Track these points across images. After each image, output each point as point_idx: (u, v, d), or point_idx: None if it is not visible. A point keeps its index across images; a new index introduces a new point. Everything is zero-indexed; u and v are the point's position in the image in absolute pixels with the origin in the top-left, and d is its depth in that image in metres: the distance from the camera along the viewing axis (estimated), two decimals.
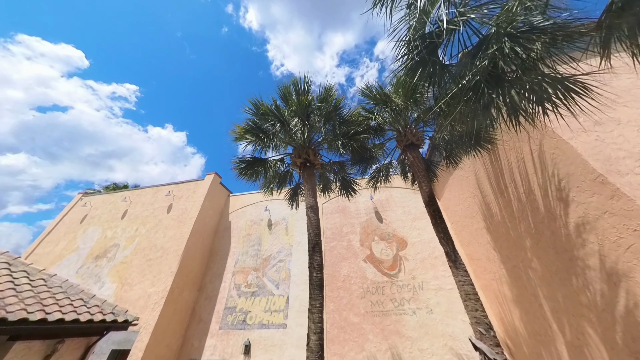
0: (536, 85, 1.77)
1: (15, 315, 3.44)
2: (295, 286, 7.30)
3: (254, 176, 4.95)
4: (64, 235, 10.31)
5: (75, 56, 64.23)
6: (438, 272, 6.48)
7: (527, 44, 1.72)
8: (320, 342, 2.75)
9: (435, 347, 5.37)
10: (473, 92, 1.89)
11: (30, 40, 52.01)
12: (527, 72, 1.76)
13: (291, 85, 4.19)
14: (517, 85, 1.78)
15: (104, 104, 66.71)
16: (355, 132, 4.28)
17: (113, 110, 67.76)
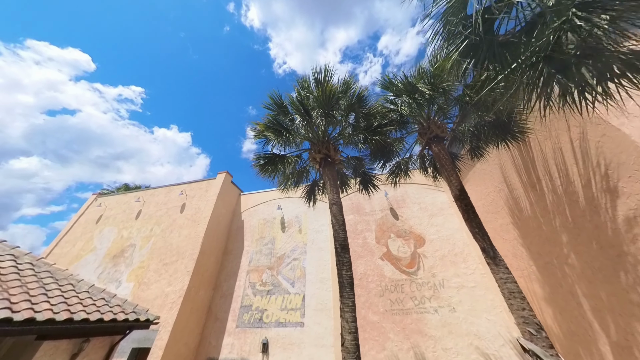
0: (605, 62, 1.58)
1: (43, 315, 3.45)
2: (311, 284, 7.22)
3: (273, 173, 4.84)
4: (80, 236, 10.51)
5: (82, 60, 65.55)
6: (459, 270, 6.28)
7: (595, 16, 1.53)
8: (356, 342, 2.63)
9: (460, 347, 5.21)
10: (532, 71, 1.71)
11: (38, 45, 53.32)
12: (595, 47, 1.58)
13: (311, 77, 4.03)
14: (586, 62, 1.59)
15: (111, 107, 68.00)
16: (379, 124, 4.10)
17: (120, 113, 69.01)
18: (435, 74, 3.58)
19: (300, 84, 4.51)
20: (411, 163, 5.71)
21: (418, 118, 4.50)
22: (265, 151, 4.69)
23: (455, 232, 7.00)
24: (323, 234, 8.29)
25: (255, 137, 4.58)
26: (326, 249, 7.86)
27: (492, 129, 4.01)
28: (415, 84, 3.84)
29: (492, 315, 5.41)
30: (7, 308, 3.24)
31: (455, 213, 7.38)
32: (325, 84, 3.84)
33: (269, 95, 4.27)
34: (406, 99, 4.07)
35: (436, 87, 3.62)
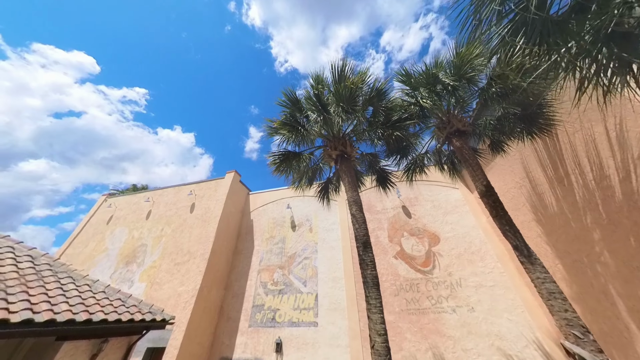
0: None
1: (63, 316, 3.43)
2: (323, 284, 7.13)
3: (287, 171, 4.75)
4: (92, 236, 10.62)
5: (87, 62, 66.62)
6: (477, 269, 6.11)
7: None
8: (387, 344, 2.53)
9: (480, 347, 5.06)
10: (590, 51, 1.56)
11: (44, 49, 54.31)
12: None
13: (328, 71, 3.90)
14: None
15: (115, 108, 69.00)
16: (399, 119, 3.96)
17: (124, 114, 69.96)
18: (458, 64, 3.41)
19: (314, 79, 4.39)
20: (426, 159, 5.55)
21: (436, 112, 4.34)
22: (280, 149, 4.59)
23: (471, 230, 6.82)
24: (334, 232, 8.20)
25: (270, 135, 4.49)
26: (337, 248, 7.77)
27: (517, 121, 3.83)
28: (436, 74, 3.66)
29: (514, 315, 5.24)
30: (28, 309, 3.23)
31: (470, 211, 7.20)
32: (346, 78, 3.70)
33: (283, 92, 4.17)
34: (424, 92, 3.91)
35: (460, 78, 3.45)
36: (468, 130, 4.25)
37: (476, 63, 3.36)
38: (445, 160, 5.49)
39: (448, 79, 3.48)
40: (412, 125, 4.26)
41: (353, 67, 3.84)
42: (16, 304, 3.20)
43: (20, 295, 3.39)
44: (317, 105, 3.92)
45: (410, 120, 4.01)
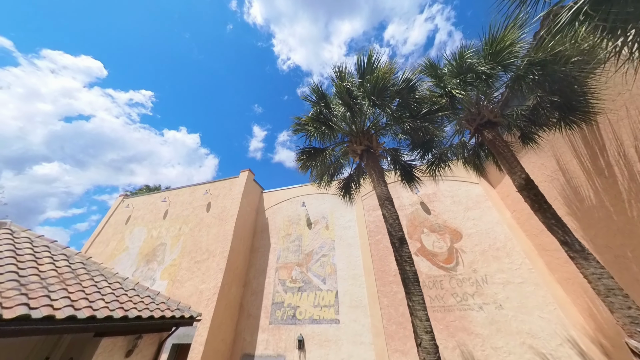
0: None
1: (101, 313, 3.52)
2: (342, 281, 7.10)
3: (314, 167, 4.71)
4: (112, 236, 10.90)
5: (95, 66, 68.34)
6: (503, 265, 5.94)
7: None
8: (435, 342, 2.47)
9: (511, 346, 4.93)
10: None
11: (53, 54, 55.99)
12: None
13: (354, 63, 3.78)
14: None
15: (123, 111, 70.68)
16: (429, 111, 3.84)
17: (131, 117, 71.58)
18: (495, 50, 3.24)
19: (336, 72, 4.30)
20: (450, 153, 5.39)
21: (465, 103, 4.19)
22: (305, 146, 4.55)
23: (495, 226, 6.64)
24: (351, 230, 8.14)
25: (295, 132, 4.45)
26: (355, 245, 7.71)
27: (553, 110, 3.65)
28: (470, 62, 3.50)
29: (545, 313, 5.07)
30: (69, 306, 3.31)
31: (493, 206, 7.00)
32: (377, 70, 3.60)
33: (311, 87, 4.11)
34: (455, 82, 3.75)
35: (497, 65, 3.27)
36: (499, 121, 4.10)
37: (513, 50, 3.19)
38: (470, 154, 5.32)
39: (484, 67, 3.32)
40: (439, 118, 4.11)
41: (379, 57, 3.72)
42: (58, 301, 3.28)
43: (60, 292, 3.49)
44: (346, 99, 3.83)
45: (440, 112, 3.87)
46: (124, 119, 73.14)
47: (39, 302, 3.06)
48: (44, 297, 3.20)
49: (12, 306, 2.82)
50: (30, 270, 3.62)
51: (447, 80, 3.99)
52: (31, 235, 4.60)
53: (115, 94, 69.99)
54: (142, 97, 71.72)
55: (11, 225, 4.57)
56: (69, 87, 73.06)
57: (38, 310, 2.94)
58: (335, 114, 4.14)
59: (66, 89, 72.82)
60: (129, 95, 71.41)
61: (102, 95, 70.55)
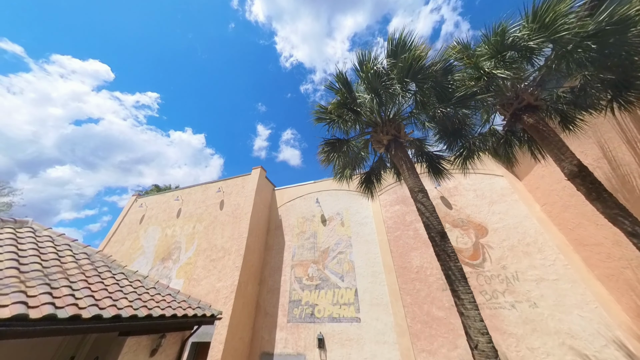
0: None
1: (126, 312, 3.42)
2: (361, 278, 6.89)
3: (337, 160, 4.48)
4: (127, 235, 11.00)
5: (102, 70, 69.81)
6: (535, 261, 5.60)
7: None
8: (493, 344, 2.24)
9: (549, 346, 4.62)
10: None
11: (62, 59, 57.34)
12: None
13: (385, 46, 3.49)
14: None
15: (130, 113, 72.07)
16: (464, 95, 3.53)
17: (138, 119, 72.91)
18: (544, 23, 2.89)
19: (360, 57, 4.03)
20: (479, 142, 5.06)
21: (500, 86, 3.87)
22: (327, 137, 4.32)
23: (523, 220, 6.27)
24: (368, 226, 7.90)
25: (318, 121, 4.21)
26: (373, 242, 7.48)
27: (608, 89, 3.29)
28: (511, 37, 3.16)
29: (586, 312, 4.73)
30: (94, 305, 3.22)
31: (520, 199, 6.63)
32: (413, 49, 3.30)
33: (335, 75, 3.84)
34: (493, 62, 3.43)
35: (546, 39, 2.93)
36: (541, 104, 3.77)
37: (567, 20, 2.84)
38: (502, 143, 4.98)
39: (532, 42, 2.97)
40: (475, 103, 3.79)
41: (412, 36, 3.39)
42: (83, 300, 3.19)
43: (84, 291, 3.40)
44: (375, 84, 3.56)
45: (480, 95, 3.54)
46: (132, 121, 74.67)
47: (64, 302, 2.97)
48: (69, 296, 3.11)
49: (38, 305, 2.73)
50: (54, 268, 3.55)
51: (481, 61, 3.67)
52: (52, 233, 4.56)
53: (122, 96, 71.46)
54: (148, 99, 72.97)
55: (33, 224, 4.54)
56: (78, 91, 75.01)
57: (64, 309, 2.85)
58: (360, 102, 3.89)
59: (75, 93, 74.80)
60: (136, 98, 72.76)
61: (109, 98, 72.15)
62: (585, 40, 2.93)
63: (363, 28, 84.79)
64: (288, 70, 74.59)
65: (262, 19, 74.05)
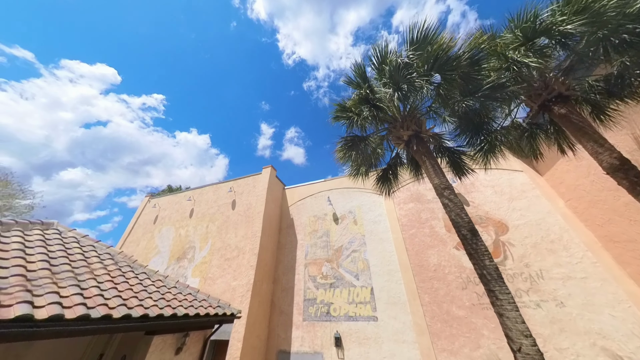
0: None
1: (152, 311, 3.47)
2: (377, 277, 6.82)
3: (354, 158, 4.39)
4: (142, 236, 11.24)
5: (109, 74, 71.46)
6: (561, 259, 5.39)
7: None
8: (537, 347, 2.14)
9: (579, 347, 4.45)
10: None
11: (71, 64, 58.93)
12: None
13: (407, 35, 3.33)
14: None
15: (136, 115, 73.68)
16: (491, 88, 3.36)
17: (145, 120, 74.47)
18: (582, 5, 2.70)
19: (378, 51, 3.91)
20: (501, 136, 4.87)
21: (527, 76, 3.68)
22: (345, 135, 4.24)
23: (546, 216, 6.05)
24: (381, 224, 7.80)
25: (335, 119, 4.14)
26: (388, 240, 7.38)
27: None
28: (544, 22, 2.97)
29: (618, 311, 4.53)
30: (122, 305, 3.27)
31: (542, 195, 6.39)
32: (440, 39, 3.17)
33: (353, 68, 3.76)
34: (515, 51, 3.26)
35: (588, 22, 2.71)
36: (572, 94, 3.57)
37: (604, 3, 2.64)
38: (524, 137, 4.78)
39: (569, 26, 2.77)
40: (503, 94, 3.61)
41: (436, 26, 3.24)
42: (112, 300, 3.25)
43: (112, 291, 3.46)
44: (396, 77, 3.44)
45: (508, 87, 3.37)
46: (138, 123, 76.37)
47: (94, 302, 3.03)
48: (99, 296, 3.16)
49: (71, 305, 2.78)
50: (82, 269, 3.63)
51: (509, 50, 3.50)
52: (77, 235, 4.67)
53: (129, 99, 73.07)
54: (154, 101, 74.36)
55: (58, 226, 4.66)
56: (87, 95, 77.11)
57: (95, 309, 2.90)
58: (379, 97, 3.77)
59: (84, 96, 76.93)
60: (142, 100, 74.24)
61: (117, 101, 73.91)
62: (627, 22, 2.74)
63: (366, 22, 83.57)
64: (291, 67, 74.44)
65: (264, 16, 73.90)
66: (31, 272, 3.09)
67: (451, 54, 3.24)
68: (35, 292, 2.74)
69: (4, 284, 2.65)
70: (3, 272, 2.84)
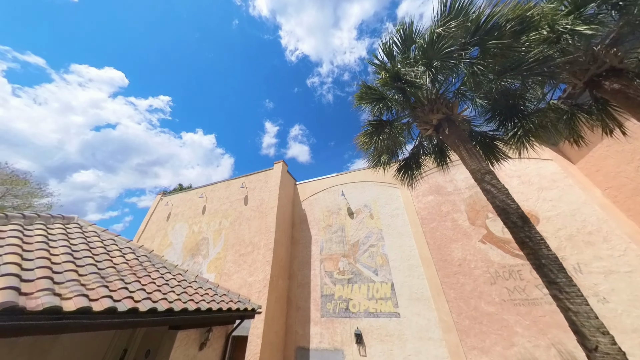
0: None
1: (177, 305, 3.37)
2: (397, 272, 6.58)
3: (377, 145, 4.15)
4: (156, 233, 11.33)
5: (117, 77, 73.07)
6: (600, 252, 5.02)
7: None
8: (619, 346, 1.89)
9: (627, 346, 4.09)
10: None
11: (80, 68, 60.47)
12: None
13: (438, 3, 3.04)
14: None
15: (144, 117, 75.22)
16: (537, 61, 3.01)
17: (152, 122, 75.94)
18: None
19: (402, 30, 3.63)
20: (536, 118, 4.50)
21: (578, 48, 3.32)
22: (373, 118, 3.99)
23: (581, 207, 5.65)
24: (399, 218, 7.53)
25: (359, 102, 3.89)
26: (407, 234, 7.11)
27: None
28: None
29: None
30: (147, 299, 3.17)
31: (576, 184, 5.98)
32: (482, 6, 2.88)
33: (381, 45, 3.51)
34: (562, 21, 2.92)
35: None
36: (626, 67, 3.22)
37: None
38: (563, 120, 4.41)
39: None
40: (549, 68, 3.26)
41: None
42: (136, 293, 3.16)
43: (135, 284, 3.37)
44: (431, 52, 3.14)
45: (557, 59, 3.03)
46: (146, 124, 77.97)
47: (119, 295, 2.93)
48: (123, 290, 3.07)
49: (98, 298, 2.69)
50: (105, 263, 3.55)
51: (556, 18, 3.16)
52: (97, 229, 4.63)
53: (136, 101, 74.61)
54: (160, 102, 75.67)
55: (78, 220, 4.63)
56: (96, 98, 79.17)
57: (121, 302, 2.80)
58: (407, 78, 3.50)
59: (93, 100, 79.00)
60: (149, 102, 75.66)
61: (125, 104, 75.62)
62: None
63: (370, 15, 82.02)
64: (294, 64, 74.04)
65: (266, 13, 73.49)
66: (56, 264, 3.02)
67: (494, 23, 2.94)
68: (61, 284, 2.67)
69: (30, 276, 2.57)
70: (28, 264, 2.77)
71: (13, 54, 42.16)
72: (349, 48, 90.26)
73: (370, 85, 3.78)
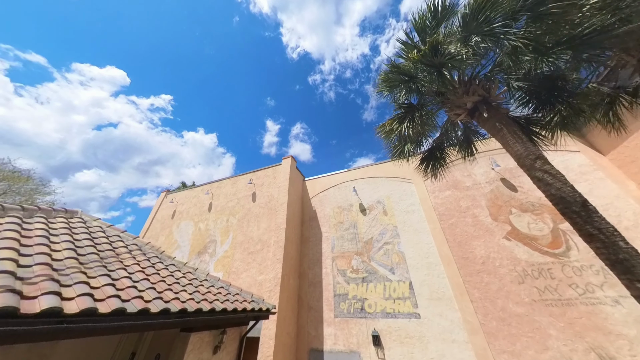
0: None
1: (190, 306, 3.07)
2: (415, 270, 6.25)
3: (406, 132, 3.81)
4: (160, 231, 11.08)
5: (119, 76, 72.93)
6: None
7: None
8: None
9: None
10: None
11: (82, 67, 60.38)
12: None
13: None
14: None
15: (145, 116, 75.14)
16: (594, 31, 2.66)
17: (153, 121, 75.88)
18: None
19: (432, 5, 3.29)
20: (577, 102, 4.14)
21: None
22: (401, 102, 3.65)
23: (614, 201, 5.30)
24: (415, 214, 7.20)
25: (384, 84, 3.54)
26: (424, 231, 6.78)
27: None
28: None
29: None
30: (158, 298, 2.88)
31: (608, 177, 5.62)
32: None
33: (414, 20, 3.18)
34: None
35: None
36: None
37: None
38: (603, 105, 4.05)
39: None
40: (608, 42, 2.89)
41: None
42: (146, 292, 2.86)
43: (144, 282, 3.07)
44: (470, 26, 2.76)
45: (613, 32, 2.68)
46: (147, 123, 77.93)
47: (128, 294, 2.63)
48: (132, 288, 2.77)
49: (104, 298, 2.39)
50: (111, 259, 3.26)
51: None
52: (102, 224, 4.34)
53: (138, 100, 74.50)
54: (162, 101, 75.53)
55: (82, 214, 4.34)
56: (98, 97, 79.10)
57: (130, 302, 2.50)
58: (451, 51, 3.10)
59: (95, 99, 78.95)
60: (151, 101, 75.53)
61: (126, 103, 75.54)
62: None
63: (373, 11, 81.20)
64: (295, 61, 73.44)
65: (267, 10, 72.91)
66: (57, 260, 2.72)
67: None
68: (63, 282, 2.36)
69: (28, 274, 2.28)
70: (26, 260, 2.48)
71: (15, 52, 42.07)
72: (351, 45, 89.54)
73: (399, 65, 3.44)
